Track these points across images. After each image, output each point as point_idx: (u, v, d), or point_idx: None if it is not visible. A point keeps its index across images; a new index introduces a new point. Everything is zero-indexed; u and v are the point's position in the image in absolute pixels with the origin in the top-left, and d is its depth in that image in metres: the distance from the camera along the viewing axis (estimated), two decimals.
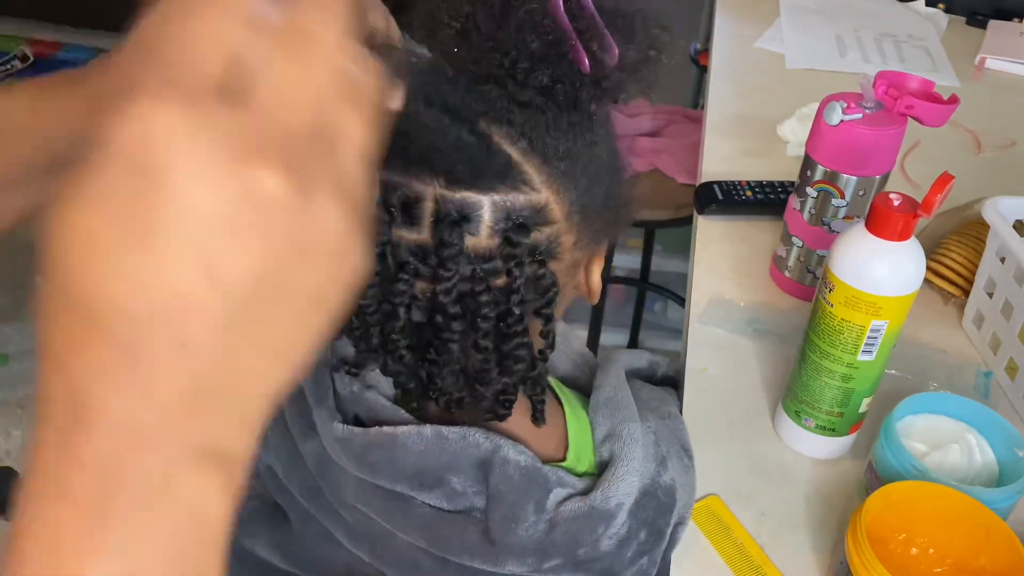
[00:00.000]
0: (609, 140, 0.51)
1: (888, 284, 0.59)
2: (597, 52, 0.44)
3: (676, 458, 0.62)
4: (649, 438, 0.60)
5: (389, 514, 0.55)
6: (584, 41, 0.44)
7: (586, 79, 0.44)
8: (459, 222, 0.45)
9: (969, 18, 1.50)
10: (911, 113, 0.74)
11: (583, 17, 0.44)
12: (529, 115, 0.45)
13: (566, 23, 0.44)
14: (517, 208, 0.45)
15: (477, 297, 0.47)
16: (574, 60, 0.44)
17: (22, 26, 3.18)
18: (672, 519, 0.59)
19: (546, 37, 0.43)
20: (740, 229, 0.97)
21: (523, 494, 0.53)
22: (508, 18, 0.44)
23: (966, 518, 0.57)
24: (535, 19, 0.43)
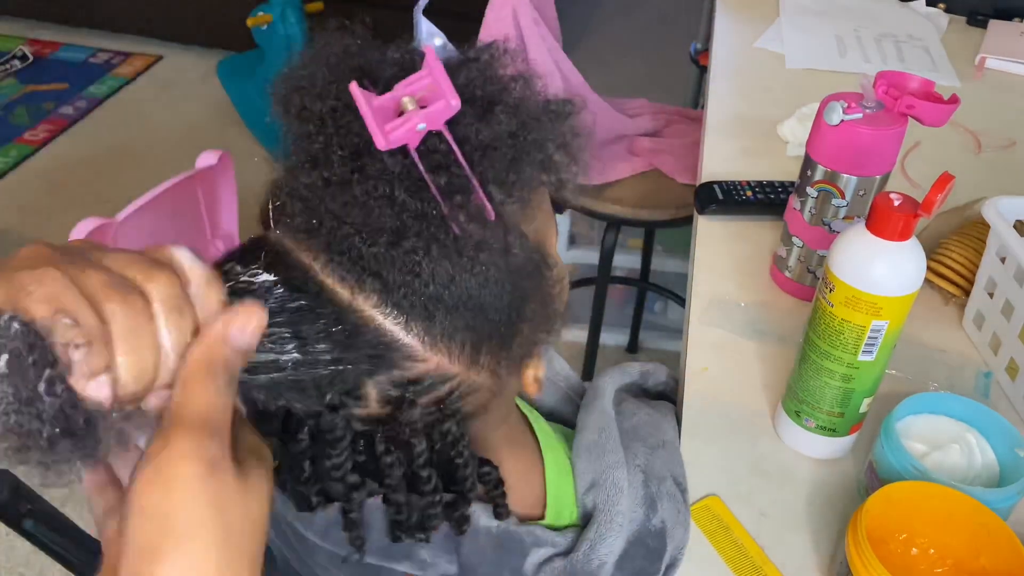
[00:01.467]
0: (511, 266, 0.43)
1: (888, 284, 0.59)
2: (465, 223, 0.39)
3: (668, 497, 0.60)
4: (637, 479, 0.58)
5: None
6: (451, 208, 0.38)
7: (469, 237, 0.39)
8: (339, 406, 0.41)
9: (969, 18, 1.50)
10: (911, 113, 0.74)
11: (448, 168, 0.38)
12: (401, 280, 0.39)
13: (432, 189, 0.38)
14: (405, 381, 0.41)
15: (379, 459, 0.44)
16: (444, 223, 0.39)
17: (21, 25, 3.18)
18: (663, 564, 0.58)
19: (404, 209, 0.38)
20: (740, 229, 0.97)
21: (496, 563, 0.51)
22: (353, 191, 0.38)
23: (966, 518, 0.57)
24: (384, 190, 0.38)
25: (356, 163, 0.38)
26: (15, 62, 3.01)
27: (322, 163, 0.39)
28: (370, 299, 0.40)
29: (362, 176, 0.38)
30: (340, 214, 0.39)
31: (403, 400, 0.42)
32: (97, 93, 2.86)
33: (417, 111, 0.38)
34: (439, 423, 0.44)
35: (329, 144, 0.39)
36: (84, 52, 3.08)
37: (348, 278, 0.39)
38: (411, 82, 0.39)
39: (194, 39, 3.05)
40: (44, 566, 1.51)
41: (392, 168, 0.38)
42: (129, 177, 2.37)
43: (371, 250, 0.39)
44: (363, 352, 0.40)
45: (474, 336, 0.42)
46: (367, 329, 0.40)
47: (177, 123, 2.70)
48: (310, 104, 0.40)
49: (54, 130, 2.67)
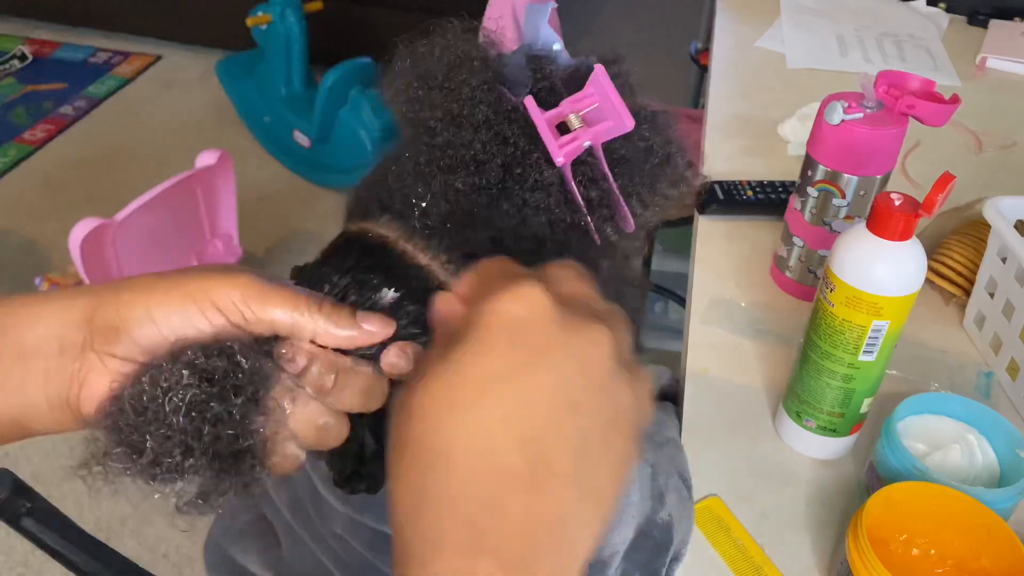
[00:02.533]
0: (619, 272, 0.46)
1: (889, 284, 0.59)
2: (610, 232, 0.40)
3: (674, 491, 0.61)
4: (646, 473, 0.58)
5: (375, 550, 0.53)
6: (598, 220, 0.40)
7: (596, 247, 0.41)
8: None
9: (970, 17, 1.50)
10: (912, 113, 0.73)
11: (596, 182, 0.39)
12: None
13: (577, 199, 0.39)
14: None
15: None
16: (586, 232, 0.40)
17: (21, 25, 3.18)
18: (668, 557, 0.58)
19: (553, 219, 0.39)
20: (741, 229, 0.97)
21: None
22: (509, 198, 0.39)
23: (967, 519, 0.56)
24: (540, 199, 0.39)
25: (515, 172, 0.39)
26: (14, 62, 3.01)
27: (473, 169, 0.39)
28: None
29: (520, 186, 0.39)
30: (484, 218, 0.39)
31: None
32: (97, 93, 2.86)
33: (586, 129, 0.39)
34: None
35: (487, 151, 0.39)
36: (84, 52, 3.08)
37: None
38: (577, 99, 0.39)
39: (194, 39, 3.05)
40: (44, 566, 1.51)
41: (550, 180, 0.39)
42: (129, 177, 2.36)
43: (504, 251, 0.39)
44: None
45: None
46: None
47: (177, 123, 2.70)
48: (460, 109, 0.40)
49: (53, 130, 2.67)
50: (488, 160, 0.39)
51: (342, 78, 2.28)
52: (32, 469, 1.66)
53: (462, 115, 0.40)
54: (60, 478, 1.65)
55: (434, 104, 0.41)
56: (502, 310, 0.29)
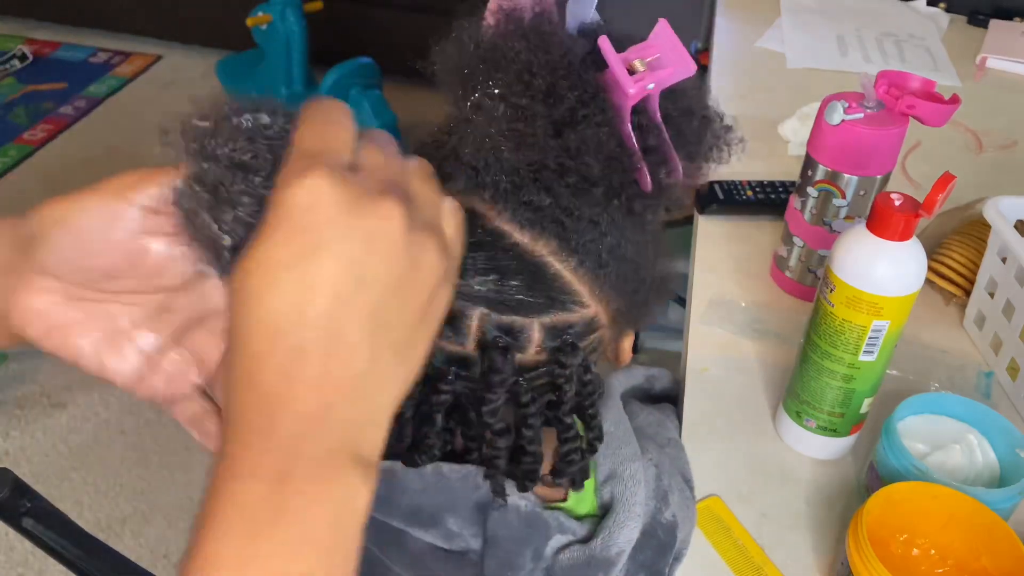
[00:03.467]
0: (657, 235, 0.49)
1: (889, 284, 0.59)
2: (662, 177, 0.42)
3: (678, 491, 0.61)
4: (651, 473, 0.59)
5: (383, 546, 0.53)
6: (649, 163, 0.42)
7: (645, 194, 0.43)
8: (508, 347, 0.43)
9: (970, 17, 1.50)
10: (912, 113, 0.73)
11: (651, 131, 0.42)
12: (582, 228, 0.43)
13: (633, 143, 0.41)
14: (567, 325, 0.44)
15: (523, 408, 0.46)
16: (636, 178, 0.42)
17: (21, 25, 3.18)
18: (671, 557, 0.58)
19: (610, 158, 0.41)
20: (741, 229, 0.97)
21: (521, 541, 0.52)
22: (575, 131, 0.41)
23: (967, 519, 0.56)
24: (602, 138, 0.41)
25: (580, 109, 0.41)
26: (15, 62, 3.01)
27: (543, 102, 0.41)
28: (550, 244, 0.43)
29: (584, 120, 0.41)
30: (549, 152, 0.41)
31: (563, 345, 0.44)
32: (97, 93, 2.86)
33: (650, 72, 0.41)
34: (583, 373, 0.46)
35: (559, 89, 0.41)
36: (84, 52, 3.08)
37: (528, 226, 0.43)
38: (642, 48, 0.42)
39: (194, 39, 3.05)
40: (43, 566, 1.51)
41: (610, 119, 0.41)
42: None
43: (559, 195, 0.42)
44: (541, 291, 0.43)
45: (626, 291, 0.46)
46: (544, 270, 0.43)
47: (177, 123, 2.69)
48: (534, 56, 0.42)
49: (53, 130, 2.67)
50: (559, 96, 0.41)
51: (342, 78, 2.28)
52: (32, 469, 1.66)
53: (538, 55, 0.42)
54: (60, 478, 1.65)
55: (511, 46, 0.43)
56: (288, 199, 0.30)
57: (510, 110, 0.42)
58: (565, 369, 0.45)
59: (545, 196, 0.42)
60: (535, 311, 0.44)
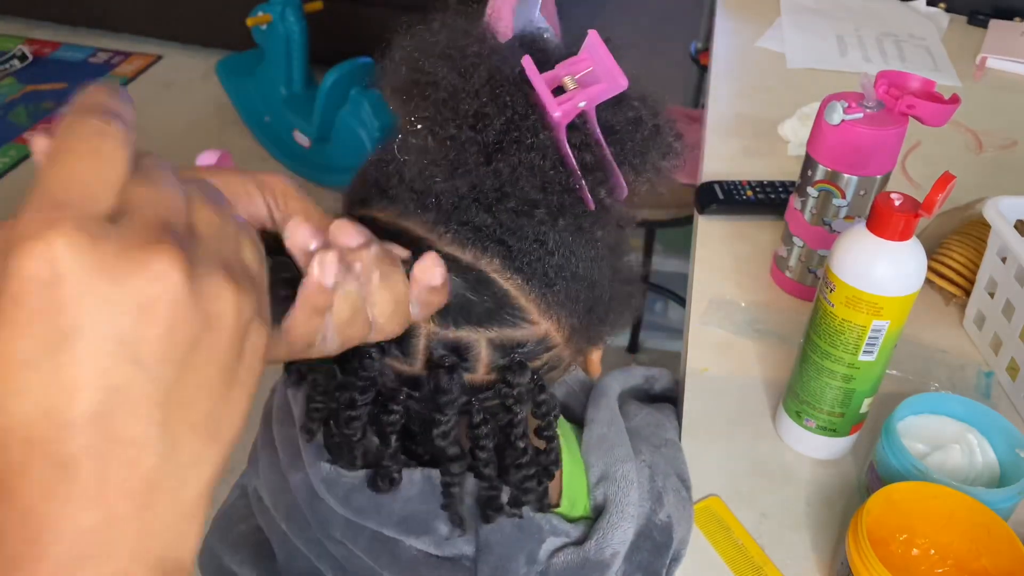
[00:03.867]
0: (613, 250, 0.48)
1: (889, 284, 0.59)
2: (604, 196, 0.41)
3: (673, 491, 0.61)
4: (644, 474, 0.58)
5: (375, 554, 0.53)
6: (591, 182, 0.40)
7: (591, 213, 0.42)
8: (455, 367, 0.43)
9: (970, 17, 1.50)
10: (912, 113, 0.73)
11: (590, 148, 0.41)
12: (526, 247, 0.42)
13: (571, 163, 0.40)
14: (516, 344, 0.43)
15: (475, 430, 0.45)
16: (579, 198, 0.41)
17: (21, 25, 3.18)
18: (668, 558, 0.58)
19: (546, 182, 0.40)
20: (741, 229, 0.97)
21: (514, 546, 0.51)
22: (505, 157, 0.39)
23: (967, 519, 0.56)
24: (535, 161, 0.40)
25: (512, 135, 0.40)
26: (15, 62, 3.01)
27: (471, 128, 0.40)
28: (492, 263, 0.42)
29: (516, 147, 0.40)
30: (483, 179, 0.40)
31: (511, 364, 0.44)
32: None
33: (580, 90, 0.40)
34: (537, 393, 0.46)
35: (485, 113, 0.40)
36: (84, 52, 3.08)
37: (470, 246, 0.42)
38: (572, 63, 0.41)
39: (194, 39, 3.05)
40: None
41: (545, 142, 0.40)
42: None
43: (500, 217, 0.41)
44: (485, 304, 0.42)
45: (579, 309, 0.45)
46: (487, 279, 0.42)
47: (177, 123, 2.70)
48: (459, 75, 0.41)
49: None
50: (486, 122, 0.40)
51: (342, 78, 2.28)
52: None
53: (462, 80, 0.40)
54: None
55: (434, 72, 0.41)
56: (20, 272, 0.23)
57: (439, 139, 0.40)
58: (513, 389, 0.44)
59: (486, 216, 0.41)
60: (480, 321, 0.42)
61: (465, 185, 0.41)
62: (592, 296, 0.46)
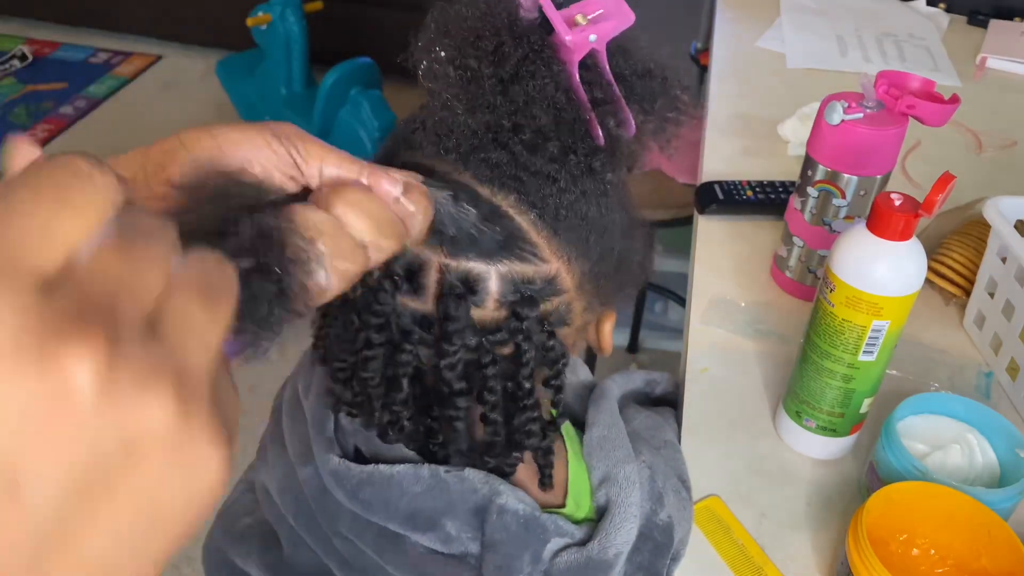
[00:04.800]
0: (623, 202, 0.49)
1: (889, 284, 0.59)
2: (613, 128, 0.43)
3: (673, 492, 0.61)
4: (645, 475, 0.59)
5: (381, 550, 0.53)
6: (600, 114, 0.42)
7: (601, 149, 0.43)
8: (464, 295, 0.44)
9: (970, 17, 1.50)
10: (912, 113, 0.73)
11: (600, 86, 0.43)
12: (539, 184, 0.44)
13: (582, 95, 0.42)
14: (525, 280, 0.44)
15: (483, 370, 0.46)
16: (588, 132, 0.42)
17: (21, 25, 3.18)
18: (668, 558, 0.58)
19: (558, 111, 0.42)
20: (741, 229, 0.97)
21: (519, 545, 0.52)
22: (520, 86, 0.42)
23: (967, 519, 0.56)
24: (548, 91, 0.42)
25: (526, 66, 0.42)
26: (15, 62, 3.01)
27: (491, 62, 0.42)
28: (508, 199, 0.43)
29: (530, 78, 0.41)
30: (499, 110, 0.42)
31: (521, 299, 0.44)
32: (97, 93, 2.86)
33: (591, 24, 0.42)
34: (547, 339, 0.46)
35: (504, 48, 0.42)
36: (84, 52, 3.08)
37: (487, 182, 0.43)
38: (584, 5, 0.43)
39: (194, 39, 3.05)
40: None
41: (557, 74, 0.42)
42: None
43: (515, 152, 0.42)
44: (496, 238, 0.43)
45: (589, 255, 0.46)
46: (501, 211, 0.43)
47: (177, 123, 2.69)
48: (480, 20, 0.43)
49: (54, 130, 2.67)
50: (504, 56, 0.42)
51: (342, 78, 2.28)
52: None
53: (484, 20, 0.43)
54: None
55: (458, 13, 0.44)
56: None
57: (459, 72, 0.42)
58: (522, 322, 0.44)
59: (502, 153, 0.43)
60: (491, 254, 0.44)
61: (483, 119, 0.43)
62: (602, 244, 0.47)
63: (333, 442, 0.55)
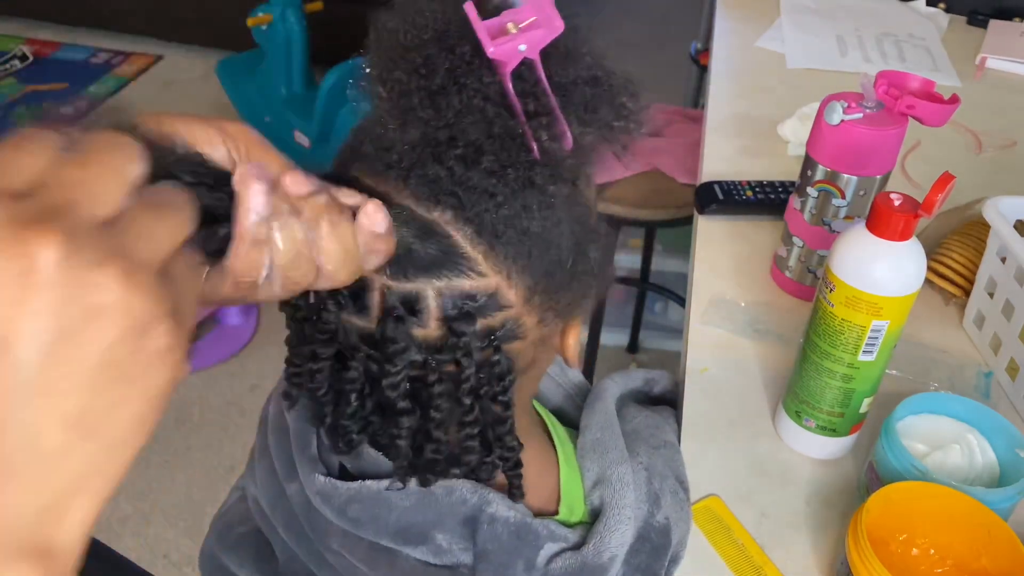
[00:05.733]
0: (576, 213, 0.47)
1: (889, 284, 0.59)
2: (547, 141, 0.41)
3: (670, 493, 0.61)
4: (641, 476, 0.58)
5: (373, 565, 0.52)
6: (534, 127, 0.41)
7: (539, 163, 0.42)
8: (404, 317, 0.43)
9: (970, 17, 1.50)
10: (912, 113, 0.73)
11: (535, 96, 0.42)
12: (476, 199, 0.43)
13: (516, 107, 0.41)
14: (465, 296, 0.44)
15: (429, 388, 0.46)
16: (524, 145, 0.41)
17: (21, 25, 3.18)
18: (666, 560, 0.58)
19: (490, 124, 0.41)
20: (741, 229, 0.97)
21: (512, 553, 0.51)
22: (449, 99, 0.41)
23: (967, 519, 0.56)
24: (477, 103, 0.41)
25: (455, 78, 0.41)
26: (15, 62, 3.01)
27: (418, 75, 0.41)
28: (445, 215, 0.43)
29: (460, 91, 0.41)
30: (430, 124, 0.41)
31: (459, 315, 0.44)
32: (97, 93, 2.86)
33: (520, 33, 0.41)
34: (492, 354, 0.46)
35: (432, 60, 0.42)
36: (84, 52, 3.09)
37: (424, 198, 0.43)
38: (516, 13, 0.42)
39: (194, 39, 3.05)
40: None
41: (488, 86, 0.41)
42: None
43: (451, 167, 0.42)
44: (431, 254, 0.43)
45: (533, 269, 0.45)
46: (436, 227, 0.43)
47: None
48: (414, 31, 0.43)
49: None
50: (432, 68, 0.41)
51: (342, 78, 2.28)
52: None
53: (411, 31, 0.43)
54: None
55: (386, 24, 0.44)
56: None
57: (387, 87, 0.42)
58: (459, 338, 0.44)
59: (439, 168, 0.42)
60: (428, 271, 0.43)
61: (416, 133, 0.42)
62: (549, 258, 0.46)
63: (316, 460, 0.54)
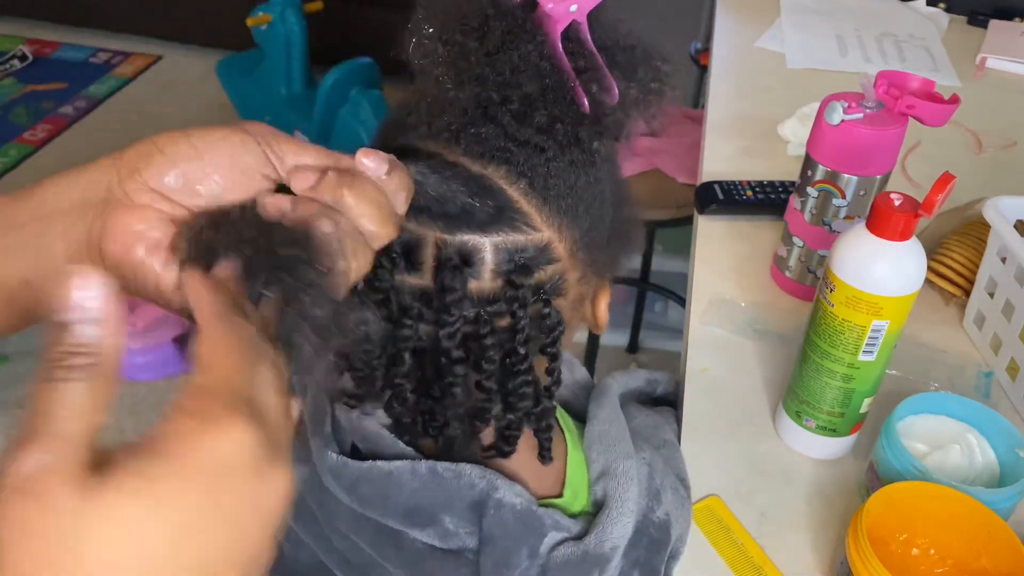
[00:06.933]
0: (613, 174, 0.50)
1: (889, 284, 0.59)
2: (597, 93, 0.44)
3: (671, 490, 0.61)
4: (643, 472, 0.59)
5: (379, 547, 0.53)
6: (583, 82, 0.43)
7: (586, 118, 0.44)
8: (460, 267, 0.45)
9: (970, 17, 1.50)
10: (912, 113, 0.73)
11: (583, 55, 0.44)
12: (528, 154, 0.45)
13: (565, 64, 0.43)
14: (519, 249, 0.45)
15: (481, 339, 0.47)
16: (574, 100, 0.43)
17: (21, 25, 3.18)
18: (666, 555, 0.58)
19: (543, 79, 0.43)
20: (741, 229, 0.97)
21: (517, 539, 0.52)
22: (506, 56, 0.43)
23: (967, 519, 0.56)
24: (532, 60, 0.43)
25: (510, 38, 0.43)
26: (15, 62, 3.01)
27: (475, 36, 0.43)
28: (499, 171, 0.45)
29: (514, 49, 0.43)
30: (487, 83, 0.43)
31: (515, 268, 0.46)
32: (97, 93, 2.86)
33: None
34: (542, 307, 0.47)
35: (487, 21, 0.43)
36: (84, 52, 3.08)
37: (478, 156, 0.45)
38: None
39: (194, 39, 3.05)
40: None
41: (540, 44, 0.43)
42: None
43: (504, 123, 0.44)
44: (488, 210, 0.45)
45: (580, 224, 0.47)
46: (490, 183, 0.45)
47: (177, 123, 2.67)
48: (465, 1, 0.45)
49: (54, 130, 2.67)
50: (488, 28, 0.43)
51: (342, 78, 2.28)
52: None
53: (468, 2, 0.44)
54: None
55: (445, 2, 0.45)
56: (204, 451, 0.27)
57: (447, 48, 0.44)
58: (517, 290, 0.45)
59: (491, 127, 0.44)
60: (484, 226, 0.45)
61: (472, 92, 0.44)
62: (592, 213, 0.48)
63: (331, 439, 0.55)
